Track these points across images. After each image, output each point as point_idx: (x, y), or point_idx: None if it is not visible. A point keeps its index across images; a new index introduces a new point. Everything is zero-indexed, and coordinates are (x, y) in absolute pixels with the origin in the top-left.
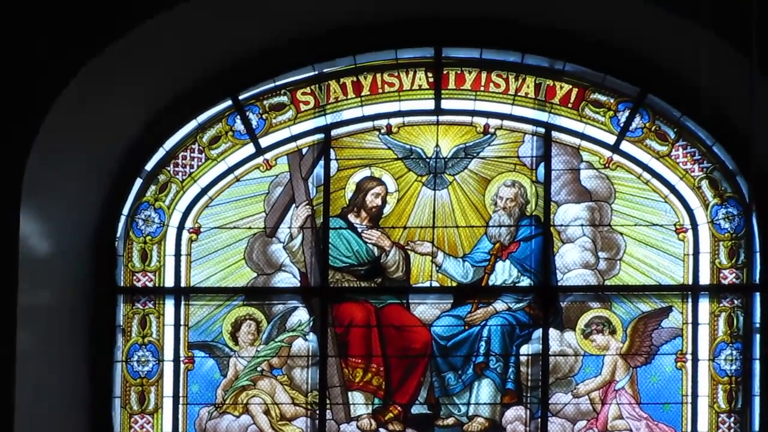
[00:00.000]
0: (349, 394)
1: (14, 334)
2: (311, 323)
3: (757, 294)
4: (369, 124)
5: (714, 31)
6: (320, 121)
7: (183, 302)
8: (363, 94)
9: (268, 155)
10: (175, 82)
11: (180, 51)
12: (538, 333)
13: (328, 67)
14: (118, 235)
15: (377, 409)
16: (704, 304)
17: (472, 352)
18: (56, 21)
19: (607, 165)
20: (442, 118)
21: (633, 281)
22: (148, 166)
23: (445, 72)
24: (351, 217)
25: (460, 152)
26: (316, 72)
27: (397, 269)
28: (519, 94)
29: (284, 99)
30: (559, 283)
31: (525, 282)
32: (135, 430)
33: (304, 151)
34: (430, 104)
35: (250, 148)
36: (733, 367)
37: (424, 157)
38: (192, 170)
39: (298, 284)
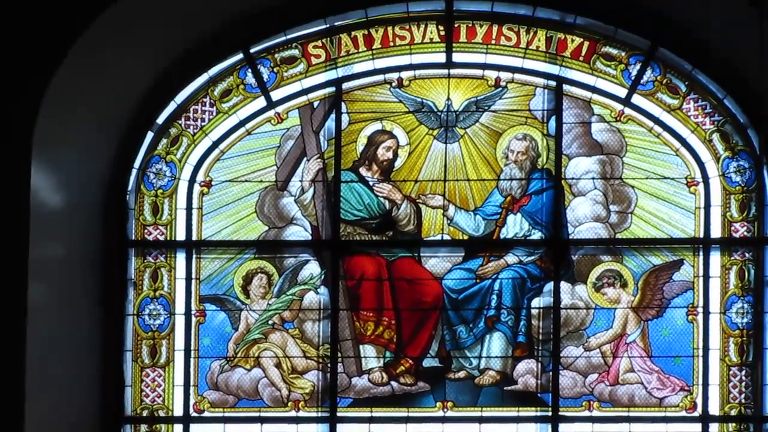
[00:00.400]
0: (361, 347)
1: (26, 287)
2: (323, 276)
3: None
4: (380, 78)
5: None
6: (331, 75)
7: (194, 255)
8: (374, 47)
9: (280, 109)
10: (186, 36)
11: (191, 4)
12: (549, 286)
13: (339, 20)
14: (130, 188)
15: (389, 362)
16: (715, 258)
17: (483, 305)
18: None
19: (618, 118)
20: (453, 71)
21: (644, 234)
22: (160, 120)
23: (456, 25)
24: (362, 171)
25: (472, 105)
26: (328, 25)
27: (409, 222)
28: (530, 47)
29: (295, 52)
30: (571, 237)
31: (536, 235)
32: (146, 383)
33: (316, 104)
34: (441, 57)
35: (261, 102)
36: (745, 320)
37: (435, 110)
38: (203, 123)
39: (310, 237)
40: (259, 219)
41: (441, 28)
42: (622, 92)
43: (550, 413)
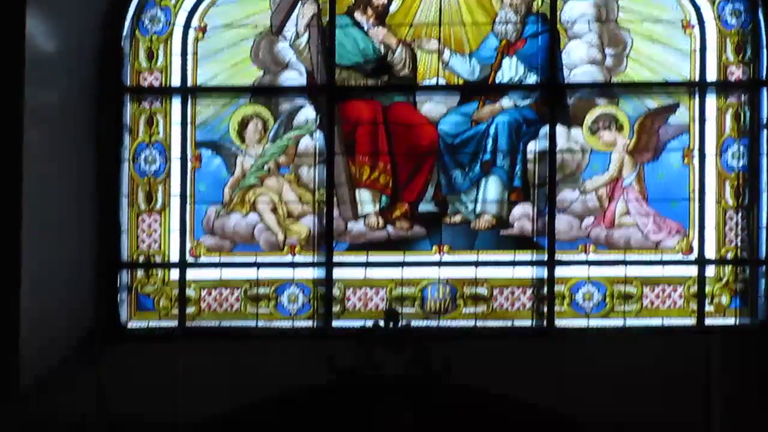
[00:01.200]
0: (356, 192)
1: (21, 134)
2: (318, 121)
3: (764, 89)
4: None
5: None
6: None
7: (190, 101)
8: None
9: None
10: None
11: None
12: (544, 130)
13: None
14: (125, 34)
15: (384, 207)
16: (711, 100)
17: (479, 149)
18: None
19: None
20: None
21: (640, 78)
22: None
23: None
24: (357, 15)
25: None
26: None
27: (404, 67)
28: None
29: None
30: (566, 81)
31: (531, 79)
32: (142, 228)
33: None
34: None
35: None
36: (741, 162)
37: None
38: None
39: (305, 83)
40: (254, 64)
41: None
42: None
43: (546, 257)
